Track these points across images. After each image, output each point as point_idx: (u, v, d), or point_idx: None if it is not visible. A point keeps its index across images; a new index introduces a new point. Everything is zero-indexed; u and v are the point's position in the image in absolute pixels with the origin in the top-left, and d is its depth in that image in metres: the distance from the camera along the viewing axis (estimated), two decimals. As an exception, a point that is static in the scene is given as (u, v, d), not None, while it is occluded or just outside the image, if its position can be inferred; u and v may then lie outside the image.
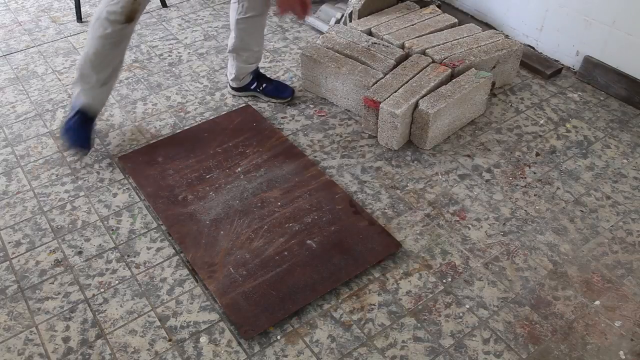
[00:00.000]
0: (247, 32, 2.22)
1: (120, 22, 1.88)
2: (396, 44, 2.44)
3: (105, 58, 1.98)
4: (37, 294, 1.70)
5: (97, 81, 2.02)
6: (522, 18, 2.71)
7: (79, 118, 2.08)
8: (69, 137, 2.09)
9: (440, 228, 1.89)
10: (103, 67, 2.00)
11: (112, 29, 1.89)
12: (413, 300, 1.67)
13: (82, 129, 2.09)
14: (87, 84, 2.04)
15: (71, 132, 2.09)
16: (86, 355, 1.55)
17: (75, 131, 2.09)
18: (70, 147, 2.14)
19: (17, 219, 1.93)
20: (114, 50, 1.98)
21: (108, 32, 1.90)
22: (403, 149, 2.19)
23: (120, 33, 1.92)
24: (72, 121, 2.08)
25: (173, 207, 1.93)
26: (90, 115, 2.10)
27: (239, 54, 2.28)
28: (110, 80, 2.06)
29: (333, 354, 1.54)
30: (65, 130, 2.09)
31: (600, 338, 1.58)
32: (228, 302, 1.64)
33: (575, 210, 1.95)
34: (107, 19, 1.88)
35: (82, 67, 2.02)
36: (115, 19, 1.87)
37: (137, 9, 1.89)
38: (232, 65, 2.34)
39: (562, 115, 2.36)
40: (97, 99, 2.10)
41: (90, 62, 1.99)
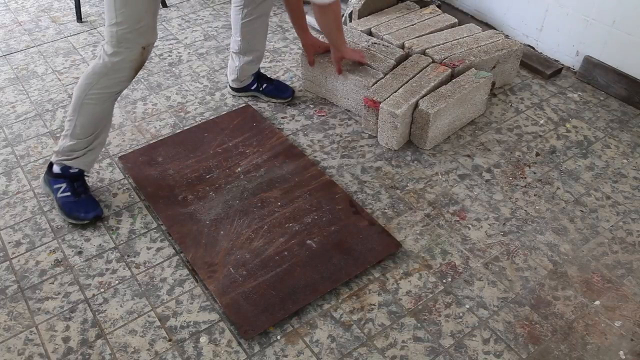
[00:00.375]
0: (252, 34, 2.21)
1: (128, 79, 1.74)
2: (396, 44, 2.44)
3: (100, 119, 1.80)
4: (37, 294, 1.70)
5: (87, 145, 1.83)
6: (522, 18, 2.71)
7: (69, 184, 1.88)
8: (71, 210, 1.87)
9: (440, 228, 1.89)
10: (96, 128, 1.81)
11: (118, 88, 1.75)
12: (413, 300, 1.67)
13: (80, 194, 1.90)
14: (76, 153, 1.84)
15: (70, 204, 1.88)
16: (86, 355, 1.55)
17: (76, 202, 1.88)
18: (79, 220, 1.88)
19: (17, 219, 1.93)
20: (110, 107, 1.81)
21: (108, 93, 1.74)
22: (403, 149, 2.19)
23: (122, 88, 1.78)
24: (65, 193, 1.88)
25: (173, 207, 1.93)
26: (79, 173, 1.91)
27: (245, 55, 2.27)
28: (102, 135, 1.86)
29: (333, 354, 1.54)
30: (62, 205, 1.88)
31: (600, 338, 1.58)
32: (228, 302, 1.64)
33: (575, 210, 1.95)
34: (110, 78, 1.71)
35: (71, 136, 1.80)
36: (122, 75, 1.72)
37: (146, 58, 1.73)
38: (234, 67, 2.33)
39: (562, 115, 2.36)
40: (90, 160, 1.89)
41: (81, 130, 1.79)
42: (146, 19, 1.64)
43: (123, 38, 1.63)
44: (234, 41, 2.25)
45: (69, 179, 1.89)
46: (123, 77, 1.73)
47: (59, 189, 1.89)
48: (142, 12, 1.62)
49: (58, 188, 1.89)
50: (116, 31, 1.62)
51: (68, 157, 1.85)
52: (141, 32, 1.65)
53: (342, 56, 2.25)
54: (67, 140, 1.82)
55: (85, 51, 2.77)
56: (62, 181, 1.89)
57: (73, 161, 1.86)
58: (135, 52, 1.67)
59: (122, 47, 1.65)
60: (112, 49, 1.65)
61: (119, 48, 1.65)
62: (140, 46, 1.67)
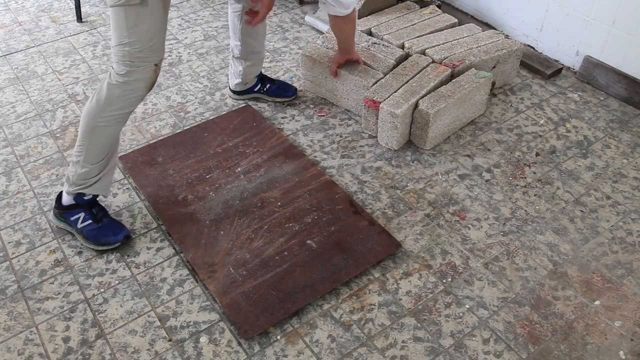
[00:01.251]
0: (252, 37, 2.20)
1: (141, 98, 1.67)
2: (396, 44, 2.44)
3: (113, 141, 1.74)
4: (37, 294, 1.70)
5: (101, 170, 1.75)
6: (522, 18, 2.71)
7: (87, 211, 1.80)
8: (98, 236, 1.80)
9: (440, 228, 1.89)
10: (109, 151, 1.74)
11: (132, 108, 1.68)
12: (413, 300, 1.67)
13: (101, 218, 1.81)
14: (92, 179, 1.75)
15: (95, 232, 1.79)
16: (86, 355, 1.55)
17: (100, 227, 1.79)
18: (111, 244, 1.81)
19: (17, 219, 1.93)
20: (122, 127, 1.74)
21: (123, 114, 1.67)
22: (403, 149, 2.19)
23: (135, 108, 1.70)
24: (86, 222, 1.80)
25: (173, 207, 1.93)
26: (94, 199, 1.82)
27: (246, 59, 2.26)
28: (114, 156, 1.79)
29: (333, 354, 1.54)
30: (87, 235, 1.80)
31: (600, 338, 1.58)
32: (228, 302, 1.64)
33: (575, 210, 1.95)
34: (125, 98, 1.64)
35: (84, 163, 1.72)
36: (136, 95, 1.65)
37: (158, 75, 1.66)
38: (238, 72, 2.32)
39: (562, 115, 2.36)
40: (106, 183, 1.80)
41: (94, 154, 1.71)
42: (158, 35, 1.59)
43: (135, 57, 1.56)
44: (234, 46, 2.24)
45: (86, 207, 1.79)
46: (137, 97, 1.66)
47: (78, 220, 1.79)
48: (155, 29, 1.56)
49: (77, 219, 1.79)
50: (128, 51, 1.55)
51: (84, 185, 1.75)
52: (154, 50, 1.59)
53: (349, 58, 2.25)
54: (78, 168, 1.72)
55: (85, 51, 2.77)
56: (78, 211, 1.79)
57: (90, 188, 1.76)
58: (149, 70, 1.61)
59: (134, 67, 1.58)
60: (125, 68, 1.58)
61: (132, 67, 1.58)
62: (153, 64, 1.61)
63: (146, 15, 1.52)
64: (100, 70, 2.64)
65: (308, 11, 3.04)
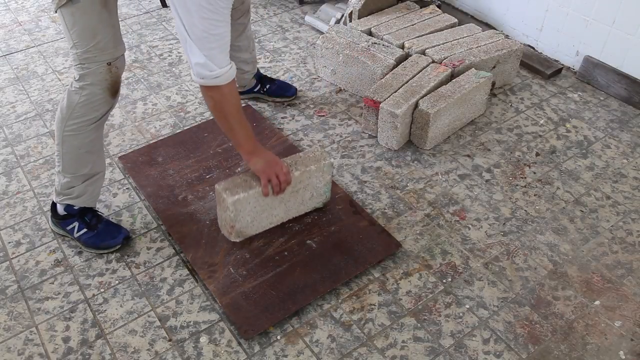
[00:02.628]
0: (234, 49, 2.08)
1: (104, 103, 1.59)
2: (396, 44, 2.44)
3: (87, 151, 1.67)
4: (37, 294, 1.70)
5: (84, 180, 1.72)
6: (522, 18, 2.71)
7: (81, 220, 1.78)
8: (96, 242, 1.79)
9: (440, 228, 1.89)
10: (86, 161, 1.69)
11: (95, 114, 1.60)
12: (413, 300, 1.67)
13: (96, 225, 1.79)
14: (75, 190, 1.73)
15: (93, 239, 1.78)
16: (86, 355, 1.55)
17: (97, 234, 1.78)
18: (111, 247, 1.80)
19: (17, 219, 1.93)
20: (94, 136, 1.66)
21: (86, 121, 1.60)
22: (403, 149, 2.19)
23: (102, 114, 1.62)
24: (81, 231, 1.78)
25: (173, 207, 1.93)
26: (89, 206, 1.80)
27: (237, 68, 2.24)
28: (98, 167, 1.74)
29: (333, 354, 1.54)
30: (86, 242, 1.79)
31: (600, 338, 1.58)
32: (228, 302, 1.64)
33: (575, 210, 1.95)
34: (84, 105, 1.57)
35: (63, 172, 1.69)
36: (96, 100, 1.58)
37: (117, 75, 1.59)
38: None
39: (562, 115, 2.36)
40: (92, 195, 1.78)
41: (70, 164, 1.67)
42: (102, 32, 1.51)
43: (83, 58, 1.52)
44: None
45: (78, 216, 1.78)
46: (98, 101, 1.58)
47: (74, 229, 1.78)
48: (94, 26, 1.49)
49: (72, 229, 1.78)
50: (76, 53, 1.51)
51: (69, 196, 1.73)
52: (100, 48, 1.52)
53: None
54: (61, 178, 1.71)
55: (85, 51, 2.77)
56: (72, 221, 1.78)
57: (75, 200, 1.74)
58: (101, 71, 1.54)
59: (85, 69, 1.53)
60: (78, 72, 1.54)
61: (83, 70, 1.53)
62: (104, 63, 1.53)
63: (79, 13, 1.47)
64: (100, 70, 2.64)
65: (308, 11, 3.04)
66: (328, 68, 2.49)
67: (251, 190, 1.66)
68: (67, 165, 1.69)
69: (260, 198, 1.69)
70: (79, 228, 1.79)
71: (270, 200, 1.70)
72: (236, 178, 1.71)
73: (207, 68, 1.47)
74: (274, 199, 1.71)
